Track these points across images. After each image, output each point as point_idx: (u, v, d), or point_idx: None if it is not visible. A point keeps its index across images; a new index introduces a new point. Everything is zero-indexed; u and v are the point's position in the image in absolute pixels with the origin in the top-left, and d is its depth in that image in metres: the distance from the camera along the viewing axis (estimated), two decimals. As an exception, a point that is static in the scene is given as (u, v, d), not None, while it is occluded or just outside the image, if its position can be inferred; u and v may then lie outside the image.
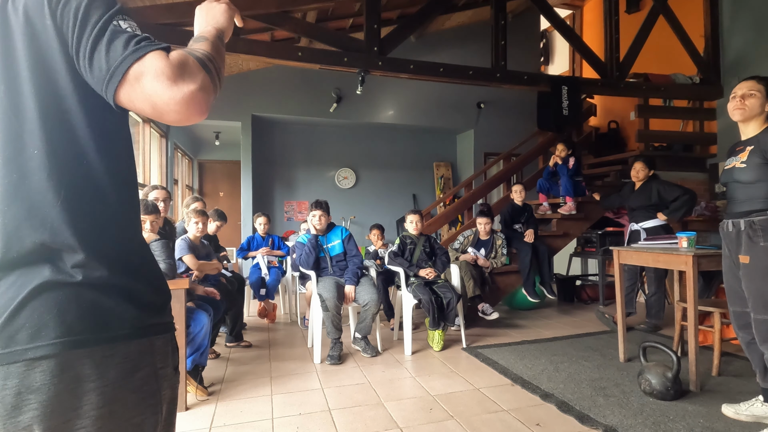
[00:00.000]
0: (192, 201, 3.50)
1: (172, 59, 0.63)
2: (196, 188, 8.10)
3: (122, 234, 0.70)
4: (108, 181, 0.68)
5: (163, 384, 0.71)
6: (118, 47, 0.62)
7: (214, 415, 2.27)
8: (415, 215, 3.67)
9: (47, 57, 0.64)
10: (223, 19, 0.83)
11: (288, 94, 6.33)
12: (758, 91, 2.04)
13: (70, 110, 0.64)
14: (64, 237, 0.63)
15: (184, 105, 0.63)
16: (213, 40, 0.75)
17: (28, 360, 0.59)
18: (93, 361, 0.62)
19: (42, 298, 0.62)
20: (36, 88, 0.63)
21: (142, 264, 0.73)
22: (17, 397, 0.59)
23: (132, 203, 0.74)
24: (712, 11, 5.11)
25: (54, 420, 0.60)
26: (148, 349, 0.69)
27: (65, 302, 0.62)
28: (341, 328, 3.14)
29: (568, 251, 5.45)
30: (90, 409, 0.61)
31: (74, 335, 0.61)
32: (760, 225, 2.00)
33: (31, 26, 0.63)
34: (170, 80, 0.61)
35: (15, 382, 0.59)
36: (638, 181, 3.82)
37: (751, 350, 2.13)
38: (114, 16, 0.64)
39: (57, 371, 0.60)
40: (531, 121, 5.30)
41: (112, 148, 0.69)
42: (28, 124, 0.63)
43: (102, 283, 0.65)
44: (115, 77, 0.61)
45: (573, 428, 2.07)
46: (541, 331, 3.89)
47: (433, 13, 4.38)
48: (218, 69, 0.71)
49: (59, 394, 0.60)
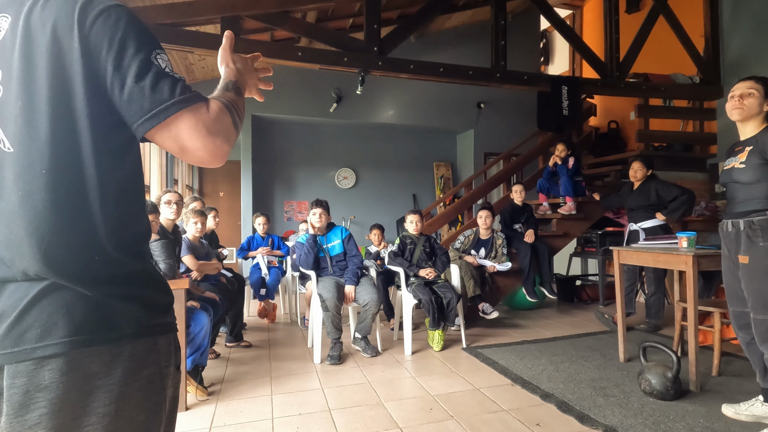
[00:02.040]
0: (191, 201, 3.50)
1: (212, 114, 0.70)
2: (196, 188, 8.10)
3: (128, 242, 0.70)
4: (114, 197, 0.68)
5: (166, 383, 0.72)
6: (164, 90, 0.66)
7: (214, 415, 2.27)
8: (415, 215, 3.67)
9: (68, 78, 0.64)
10: (251, 84, 0.91)
11: (288, 94, 6.33)
12: (756, 90, 2.04)
13: (81, 132, 0.65)
14: (61, 260, 0.64)
15: (210, 155, 0.69)
16: (238, 92, 0.82)
17: (37, 358, 0.60)
18: (101, 359, 0.63)
19: (51, 298, 0.63)
20: (52, 107, 0.63)
21: (146, 267, 0.74)
22: (25, 396, 0.59)
23: (137, 210, 0.74)
24: (712, 11, 5.11)
25: (62, 418, 0.60)
26: (152, 348, 0.69)
27: (73, 302, 0.63)
28: (341, 328, 3.14)
29: (568, 251, 5.45)
30: (97, 406, 0.62)
31: (83, 334, 0.62)
32: (759, 225, 2.00)
33: (57, 46, 0.64)
34: (207, 133, 0.68)
35: (23, 381, 0.59)
36: (637, 181, 3.82)
37: (751, 350, 2.13)
38: (154, 53, 0.68)
39: (65, 369, 0.60)
40: (531, 121, 5.29)
41: (120, 166, 0.70)
42: (39, 143, 0.63)
43: (108, 287, 0.66)
44: (155, 118, 0.65)
45: (573, 428, 2.07)
46: (541, 331, 3.89)
47: (433, 13, 4.38)
48: (242, 119, 0.78)
49: (68, 392, 0.60)
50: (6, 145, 0.64)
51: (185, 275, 2.84)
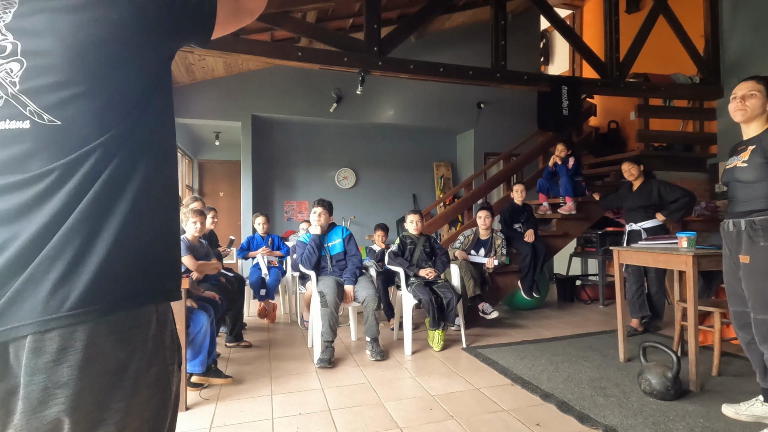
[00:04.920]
0: (190, 201, 3.50)
1: None
2: (196, 188, 8.10)
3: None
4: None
5: (172, 380, 0.72)
6: None
7: (214, 415, 2.27)
8: (415, 215, 3.67)
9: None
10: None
11: (288, 94, 6.33)
12: (758, 91, 2.04)
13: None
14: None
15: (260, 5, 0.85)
16: None
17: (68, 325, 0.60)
18: (116, 356, 0.63)
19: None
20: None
21: (166, 252, 0.73)
22: (44, 392, 0.60)
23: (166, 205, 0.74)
24: (712, 11, 5.11)
25: (79, 414, 0.61)
26: (159, 346, 0.70)
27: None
28: (336, 332, 3.10)
29: (568, 251, 5.46)
30: (111, 402, 0.63)
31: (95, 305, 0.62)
32: (760, 225, 2.00)
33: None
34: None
35: (42, 378, 0.60)
36: (635, 181, 3.81)
37: (751, 350, 2.13)
38: None
39: (84, 365, 0.61)
40: (531, 121, 5.30)
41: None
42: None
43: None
44: None
45: (573, 428, 2.07)
46: (541, 331, 3.89)
47: (433, 13, 4.38)
48: None
49: (85, 388, 0.61)
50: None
51: (185, 275, 2.84)
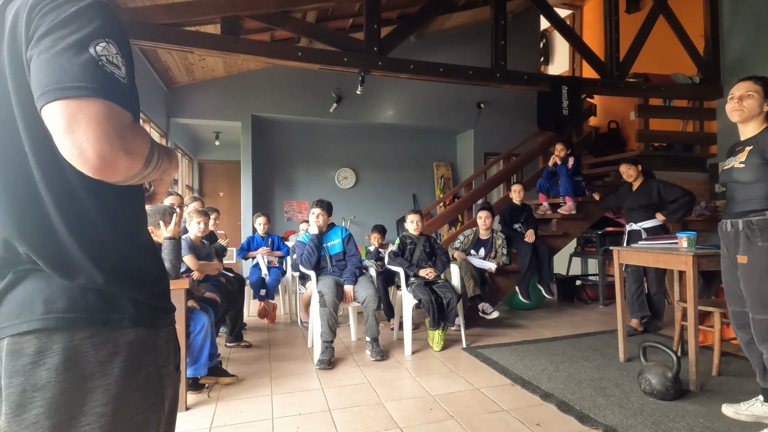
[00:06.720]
0: (190, 201, 3.51)
1: (130, 122, 0.61)
2: (196, 188, 8.10)
3: (116, 241, 0.70)
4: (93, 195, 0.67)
5: (165, 382, 0.72)
6: (85, 72, 0.57)
7: (214, 415, 2.27)
8: (415, 215, 3.67)
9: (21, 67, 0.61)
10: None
11: (288, 94, 6.33)
12: (755, 91, 2.04)
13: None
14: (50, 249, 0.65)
15: (100, 160, 0.56)
16: (169, 155, 0.73)
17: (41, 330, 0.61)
18: (97, 359, 0.63)
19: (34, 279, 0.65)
20: (18, 102, 0.62)
21: (141, 265, 0.73)
22: (22, 395, 0.59)
23: (128, 206, 0.73)
24: (712, 11, 5.11)
25: (58, 417, 0.60)
26: (150, 348, 0.69)
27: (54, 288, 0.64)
28: (335, 332, 3.10)
29: (568, 251, 5.46)
30: (94, 406, 0.62)
31: (71, 313, 0.63)
32: (758, 225, 2.00)
33: (13, 35, 0.61)
34: (114, 133, 0.57)
35: (20, 380, 0.59)
36: (634, 181, 3.81)
37: (751, 350, 2.13)
38: (95, 41, 0.59)
39: (62, 369, 0.60)
40: (531, 121, 5.30)
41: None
42: (12, 134, 0.63)
43: (99, 287, 0.66)
44: (61, 92, 0.55)
45: (573, 428, 2.07)
46: (541, 331, 3.89)
47: (433, 13, 4.38)
48: (156, 166, 0.66)
49: (64, 391, 0.60)
50: None
51: (185, 275, 2.84)
